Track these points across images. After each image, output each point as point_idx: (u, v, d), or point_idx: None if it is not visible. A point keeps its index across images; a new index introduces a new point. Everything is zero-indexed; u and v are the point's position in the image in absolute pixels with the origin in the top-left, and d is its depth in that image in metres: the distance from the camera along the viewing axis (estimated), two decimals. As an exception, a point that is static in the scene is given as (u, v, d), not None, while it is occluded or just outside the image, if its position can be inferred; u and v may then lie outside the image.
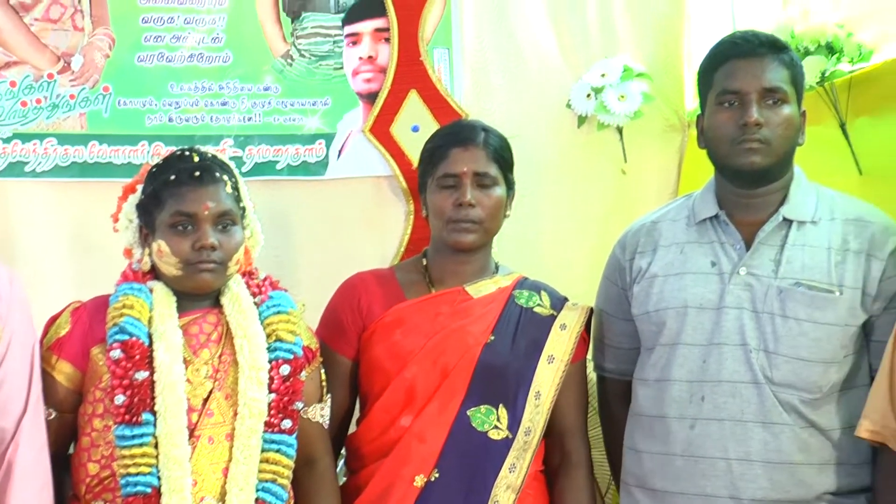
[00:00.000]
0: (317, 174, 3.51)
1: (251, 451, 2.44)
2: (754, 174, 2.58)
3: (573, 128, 3.70)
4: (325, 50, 3.53)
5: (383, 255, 3.49)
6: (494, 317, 2.76)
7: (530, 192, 3.57)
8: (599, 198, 3.72)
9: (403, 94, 3.54)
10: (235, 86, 3.45)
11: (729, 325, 2.56)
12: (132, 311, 2.46)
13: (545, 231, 3.68)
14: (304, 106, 3.50)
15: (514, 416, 2.70)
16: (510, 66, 3.69)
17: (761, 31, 2.66)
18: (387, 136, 3.53)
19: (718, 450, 2.53)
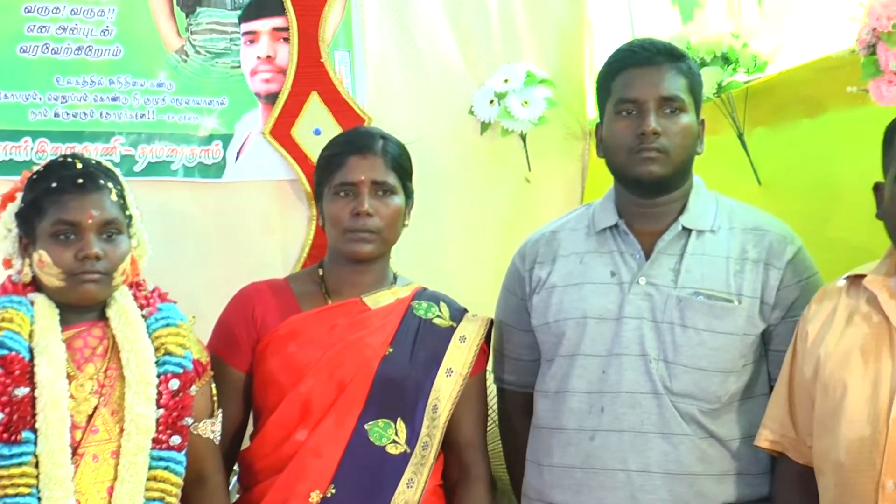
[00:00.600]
0: (214, 177, 3.42)
1: (138, 470, 2.40)
2: (653, 183, 2.58)
3: (476, 134, 3.69)
4: (221, 47, 3.44)
5: (285, 261, 3.45)
6: (393, 328, 2.74)
7: (433, 199, 3.57)
8: (503, 206, 3.72)
9: (304, 97, 3.49)
10: (127, 81, 3.33)
11: (628, 335, 2.56)
12: (11, 325, 2.39)
13: (448, 239, 3.66)
14: (200, 105, 3.41)
15: (412, 429, 2.68)
16: (412, 70, 3.68)
17: (659, 40, 2.68)
18: (288, 138, 3.47)
19: (618, 461, 2.53)
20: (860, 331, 2.30)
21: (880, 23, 2.60)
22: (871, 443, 2.19)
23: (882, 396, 2.19)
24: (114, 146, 3.30)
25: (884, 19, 2.59)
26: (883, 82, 2.63)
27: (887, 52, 2.60)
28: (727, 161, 3.26)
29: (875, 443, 2.18)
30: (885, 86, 2.63)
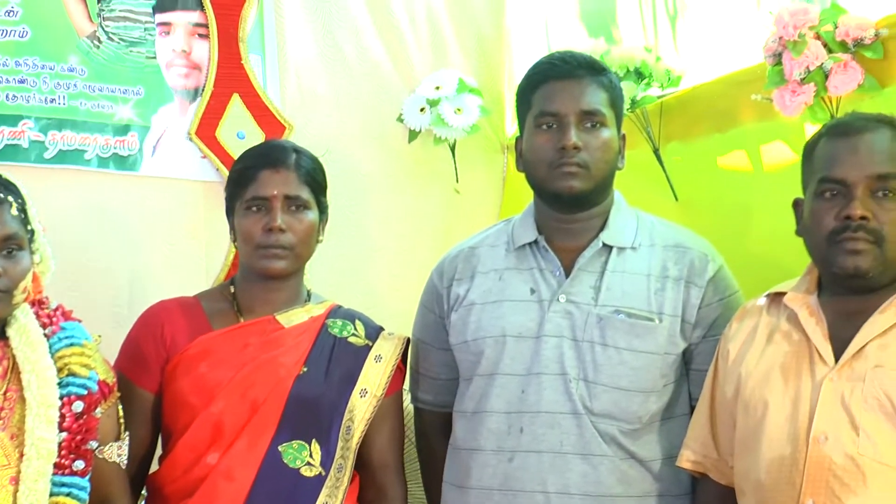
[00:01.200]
0: (130, 169, 3.33)
1: (38, 496, 2.32)
2: (573, 199, 2.57)
3: (404, 142, 3.69)
4: (136, 36, 3.37)
5: (209, 267, 3.38)
6: (307, 347, 2.71)
7: (360, 209, 3.62)
8: (432, 217, 3.72)
9: (226, 98, 3.45)
10: (35, 63, 3.22)
11: (548, 354, 2.56)
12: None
13: (376, 251, 3.67)
14: (115, 93, 3.32)
15: (327, 451, 2.65)
16: (338, 76, 3.66)
17: (580, 53, 2.69)
18: (213, 140, 3.42)
19: (537, 483, 2.52)
20: (780, 349, 2.31)
21: (787, 31, 2.69)
22: (791, 462, 2.20)
23: (802, 415, 2.20)
24: (22, 130, 3.20)
25: (790, 28, 2.69)
26: (787, 91, 2.70)
27: (792, 62, 2.67)
28: (644, 176, 3.29)
29: (795, 462, 2.19)
30: (788, 95, 2.70)
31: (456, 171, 3.70)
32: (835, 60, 2.63)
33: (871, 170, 2.20)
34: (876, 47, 2.61)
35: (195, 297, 2.79)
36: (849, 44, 2.63)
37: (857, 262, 2.20)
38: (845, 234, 2.20)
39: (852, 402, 2.15)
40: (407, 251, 3.47)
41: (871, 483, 2.10)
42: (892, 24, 2.60)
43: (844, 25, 2.63)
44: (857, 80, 2.62)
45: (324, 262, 3.20)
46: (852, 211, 2.19)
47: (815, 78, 2.66)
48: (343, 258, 3.54)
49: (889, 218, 2.19)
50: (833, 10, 2.68)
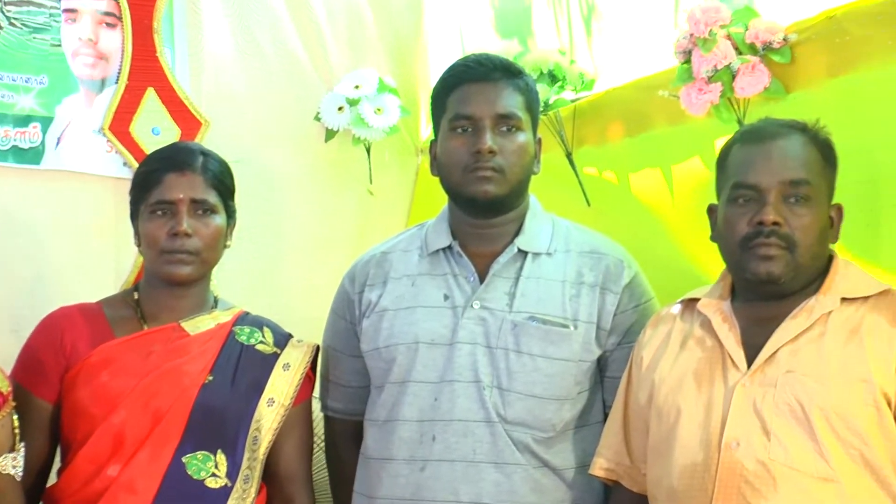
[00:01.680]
0: (31, 162, 3.24)
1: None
2: (488, 203, 2.57)
3: (320, 142, 3.65)
4: (40, 22, 3.27)
5: (118, 269, 3.29)
6: (213, 355, 2.67)
7: (274, 209, 3.59)
8: (348, 219, 3.70)
9: (141, 92, 3.37)
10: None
11: (461, 361, 2.55)
12: None
13: (290, 253, 3.63)
14: (16, 82, 3.23)
15: (233, 462, 2.62)
16: (255, 72, 3.62)
17: (496, 55, 2.67)
18: (127, 135, 3.34)
19: (449, 492, 2.51)
20: (694, 355, 2.32)
21: (698, 28, 2.71)
22: (704, 468, 2.20)
23: (714, 422, 2.21)
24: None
25: (702, 25, 2.70)
26: (693, 89, 2.70)
27: (701, 59, 2.67)
28: (556, 181, 3.29)
29: (707, 468, 2.20)
30: (695, 93, 2.70)
31: (370, 173, 3.68)
32: (743, 62, 2.64)
33: (783, 176, 2.22)
34: (784, 52, 2.63)
35: (97, 304, 2.74)
36: (758, 46, 2.64)
37: (769, 268, 2.22)
38: (758, 240, 2.22)
39: (764, 407, 2.16)
40: (320, 254, 3.45)
41: (781, 488, 2.12)
42: (802, 29, 2.62)
43: (755, 28, 2.65)
44: (764, 83, 2.64)
45: (234, 265, 3.18)
46: (765, 217, 2.21)
47: (722, 77, 2.67)
48: (254, 261, 3.53)
49: (801, 224, 2.22)
50: (745, 12, 2.69)
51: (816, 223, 2.24)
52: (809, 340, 2.20)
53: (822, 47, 2.58)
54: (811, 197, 2.24)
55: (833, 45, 2.55)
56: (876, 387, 2.12)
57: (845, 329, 2.19)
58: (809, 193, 2.23)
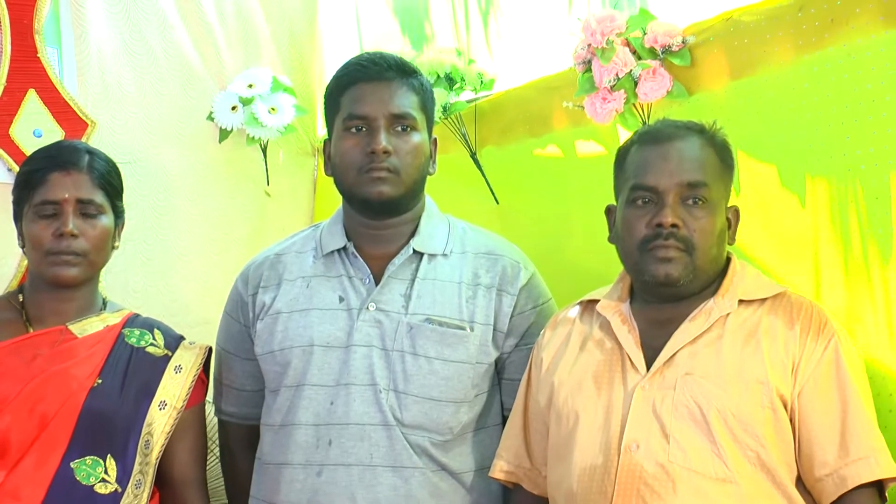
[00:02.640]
0: None
1: None
2: (383, 204, 2.56)
3: (214, 142, 3.60)
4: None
5: (4, 275, 3.25)
6: (101, 358, 2.62)
7: (167, 211, 3.54)
8: (243, 220, 3.66)
9: (21, 94, 3.31)
10: None
11: (357, 364, 2.53)
12: None
13: (183, 255, 3.57)
14: None
15: (123, 467, 2.56)
16: (144, 71, 3.55)
17: (391, 54, 2.66)
18: (6, 139, 3.28)
19: (346, 497, 2.49)
20: (593, 357, 2.33)
21: (595, 38, 2.74)
22: (603, 471, 2.21)
23: (614, 424, 2.22)
24: None
25: (598, 35, 2.73)
26: (597, 99, 2.72)
27: (602, 69, 2.69)
28: (463, 181, 3.33)
29: (607, 471, 2.20)
30: (599, 102, 2.72)
31: (267, 174, 3.67)
32: (643, 67, 2.66)
33: (681, 178, 2.23)
34: (683, 54, 2.65)
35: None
36: (657, 50, 2.66)
37: (667, 270, 2.23)
38: (656, 242, 2.23)
39: (663, 410, 2.17)
40: (215, 256, 3.39)
41: (680, 490, 2.13)
42: (699, 31, 2.65)
43: (653, 32, 2.67)
44: (666, 87, 2.66)
45: (125, 266, 3.23)
46: (663, 219, 2.22)
47: (624, 85, 2.68)
48: (147, 263, 3.49)
49: (699, 226, 2.23)
50: (642, 17, 2.71)
51: (714, 225, 2.25)
52: (707, 343, 2.21)
53: (722, 49, 2.62)
54: (709, 199, 2.25)
55: (732, 47, 2.59)
56: (772, 388, 2.15)
57: (742, 331, 2.22)
58: (707, 195, 2.24)
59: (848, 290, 2.37)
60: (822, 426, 2.14)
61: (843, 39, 2.36)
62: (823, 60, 2.41)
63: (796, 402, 2.16)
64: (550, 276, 2.86)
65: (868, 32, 2.31)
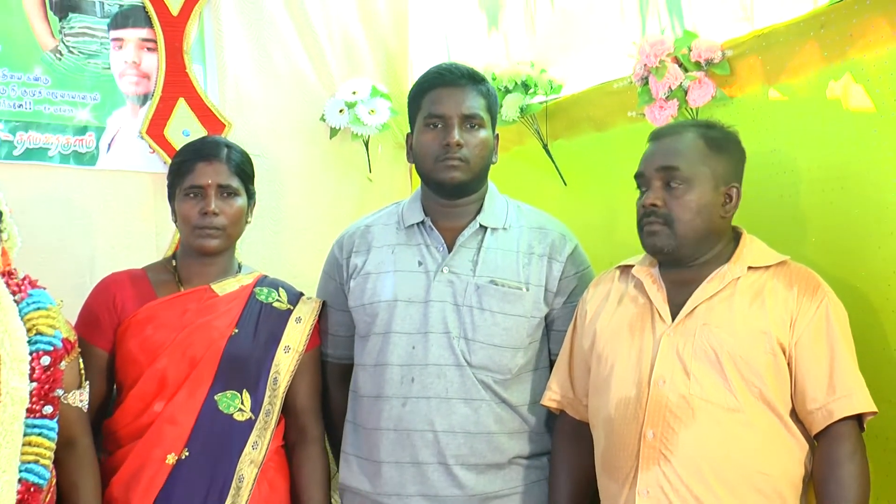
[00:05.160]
0: (88, 164, 3.39)
1: (13, 437, 2.37)
2: (455, 187, 2.66)
3: (326, 139, 3.71)
4: (93, 49, 3.41)
5: (158, 247, 3.42)
6: (238, 312, 2.76)
7: (288, 195, 3.66)
8: (348, 201, 3.74)
9: (173, 101, 3.48)
10: (5, 74, 3.27)
11: (434, 316, 2.63)
12: None
13: (300, 231, 3.68)
14: (75, 99, 3.38)
15: (255, 399, 2.71)
16: (269, 82, 3.68)
17: (463, 65, 2.73)
18: (161, 137, 3.46)
19: (426, 423, 2.60)
20: (628, 310, 2.44)
21: (649, 59, 2.78)
22: (636, 401, 2.34)
23: (644, 364, 2.35)
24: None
25: (652, 56, 2.77)
26: (655, 107, 2.83)
27: (657, 84, 2.80)
28: (537, 168, 3.43)
29: (639, 401, 2.33)
30: (657, 110, 2.83)
31: (369, 163, 3.75)
32: (691, 79, 2.74)
33: (659, 164, 2.36)
34: (723, 65, 2.73)
35: (143, 270, 2.83)
36: (702, 63, 2.74)
37: (653, 241, 2.37)
38: (645, 220, 2.38)
39: (685, 353, 2.30)
40: (326, 231, 3.34)
41: (697, 416, 2.26)
42: (735, 45, 2.71)
43: (697, 48, 2.74)
44: (711, 94, 2.74)
45: (255, 238, 3.33)
46: (645, 200, 2.37)
47: (677, 94, 2.76)
48: (273, 236, 3.58)
49: (676, 203, 2.34)
50: (686, 37, 2.78)
51: (694, 202, 2.34)
52: (721, 300, 2.32)
53: (756, 60, 2.67)
54: (686, 180, 2.33)
55: (765, 58, 2.65)
56: (773, 338, 2.26)
57: (750, 291, 2.31)
58: (683, 177, 2.33)
59: (882, 278, 2.39)
60: (813, 370, 2.24)
61: (862, 51, 2.41)
62: (844, 69, 2.46)
63: (793, 350, 2.25)
64: (607, 245, 3.01)
65: (883, 45, 2.36)
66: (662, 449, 2.29)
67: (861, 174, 2.45)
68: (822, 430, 2.24)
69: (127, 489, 2.64)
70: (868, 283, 2.43)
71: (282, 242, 3.62)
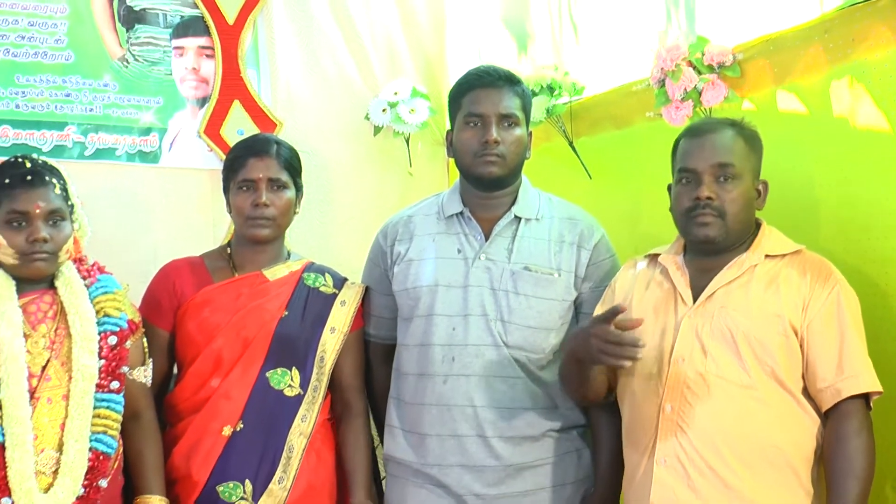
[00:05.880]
0: (152, 161, 3.45)
1: (84, 409, 2.43)
2: (492, 181, 2.67)
3: (370, 136, 3.74)
4: (156, 57, 3.47)
5: (215, 237, 3.44)
6: (287, 296, 2.78)
7: (334, 188, 3.69)
8: (391, 193, 3.77)
9: (229, 103, 3.53)
10: (78, 81, 3.35)
11: (473, 299, 2.64)
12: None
13: (347, 221, 3.71)
14: (140, 103, 3.45)
15: (304, 376, 2.74)
16: (318, 84, 3.72)
17: (501, 67, 2.75)
18: (217, 137, 3.51)
19: (466, 399, 2.62)
20: (654, 294, 2.46)
21: (666, 63, 2.80)
22: (657, 377, 2.36)
23: (666, 343, 2.36)
24: (67, 134, 3.33)
25: (668, 61, 2.79)
26: (672, 108, 2.84)
27: (673, 86, 2.81)
28: (564, 163, 3.43)
29: (660, 377, 2.35)
30: (674, 111, 2.84)
31: (409, 159, 3.77)
32: (704, 81, 2.74)
33: (713, 161, 2.34)
34: (734, 68, 2.73)
35: (200, 257, 2.86)
36: (714, 66, 2.74)
37: (706, 232, 2.34)
38: (697, 211, 2.34)
39: (703, 333, 2.31)
40: (370, 221, 3.33)
41: (713, 392, 2.27)
42: (745, 49, 2.72)
43: (710, 52, 2.75)
44: (723, 94, 2.74)
45: (303, 228, 3.36)
46: (700, 193, 2.33)
47: (691, 96, 2.77)
48: (320, 226, 3.61)
49: (729, 197, 2.33)
50: (699, 43, 2.79)
51: (742, 196, 2.34)
52: (739, 285, 2.32)
53: (765, 62, 2.68)
54: (736, 176, 2.33)
55: (773, 61, 2.65)
56: (786, 321, 2.26)
57: (766, 278, 2.32)
58: (735, 173, 2.33)
59: (892, 264, 2.40)
60: (823, 351, 2.23)
61: (864, 54, 2.42)
62: (846, 71, 2.46)
63: (805, 332, 2.25)
64: (629, 233, 3.04)
65: (883, 48, 2.37)
66: (679, 422, 2.30)
67: (862, 167, 2.47)
68: (830, 407, 2.24)
69: (187, 459, 2.68)
70: (877, 268, 2.44)
71: (328, 232, 3.67)
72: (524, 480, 2.64)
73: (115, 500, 2.55)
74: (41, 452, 2.37)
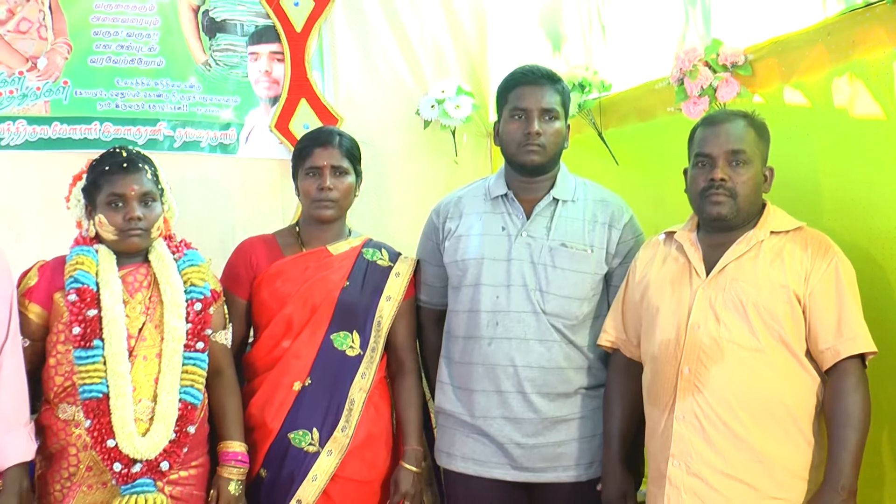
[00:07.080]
0: (231, 153, 3.49)
1: (175, 366, 2.48)
2: (534, 168, 2.68)
3: (420, 129, 3.75)
4: (234, 62, 3.51)
5: (284, 217, 3.47)
6: (348, 268, 2.81)
7: (388, 177, 3.71)
8: (438, 179, 3.77)
9: (296, 102, 3.56)
10: (167, 83, 3.40)
11: (515, 271, 2.65)
12: (83, 266, 2.49)
13: (400, 203, 3.74)
14: (220, 102, 3.49)
15: (363, 338, 2.77)
16: (373, 84, 3.75)
17: (543, 66, 2.76)
18: (286, 130, 3.54)
19: (508, 360, 2.64)
20: (671, 268, 2.46)
21: (684, 64, 2.80)
22: (675, 342, 2.36)
23: (682, 312, 2.37)
24: (159, 129, 3.38)
25: (686, 62, 2.79)
26: (690, 103, 2.83)
27: (691, 84, 2.81)
28: (594, 152, 3.43)
29: (678, 342, 2.36)
30: (692, 106, 2.83)
31: (455, 150, 3.77)
32: (719, 79, 2.73)
33: (727, 147, 2.35)
34: (746, 67, 2.72)
35: (273, 235, 2.88)
36: (728, 65, 2.74)
37: (719, 210, 2.35)
38: (711, 191, 2.35)
39: (716, 303, 2.31)
40: (420, 204, 3.31)
41: (726, 355, 2.28)
42: (756, 50, 2.71)
43: (724, 53, 2.75)
44: (736, 91, 2.73)
45: (363, 210, 3.39)
46: (715, 175, 2.34)
47: (708, 92, 2.76)
48: (376, 208, 3.65)
49: (740, 180, 2.33)
50: (714, 45, 2.79)
51: (751, 179, 2.34)
52: (748, 259, 2.33)
53: (774, 62, 2.67)
54: (747, 161, 2.33)
55: (781, 60, 2.64)
56: (790, 291, 2.27)
57: (772, 252, 2.32)
58: (745, 159, 2.33)
59: (887, 239, 2.37)
60: (824, 317, 2.24)
61: (863, 55, 2.40)
62: (847, 69, 2.45)
63: (807, 300, 2.26)
64: (653, 214, 2.97)
65: (881, 49, 2.35)
66: (696, 382, 2.30)
67: (860, 153, 2.46)
68: (830, 366, 2.24)
69: (262, 410, 2.72)
70: (874, 243, 2.43)
71: (383, 213, 3.69)
72: (558, 432, 2.65)
73: (202, 444, 2.60)
74: (139, 402, 2.43)
